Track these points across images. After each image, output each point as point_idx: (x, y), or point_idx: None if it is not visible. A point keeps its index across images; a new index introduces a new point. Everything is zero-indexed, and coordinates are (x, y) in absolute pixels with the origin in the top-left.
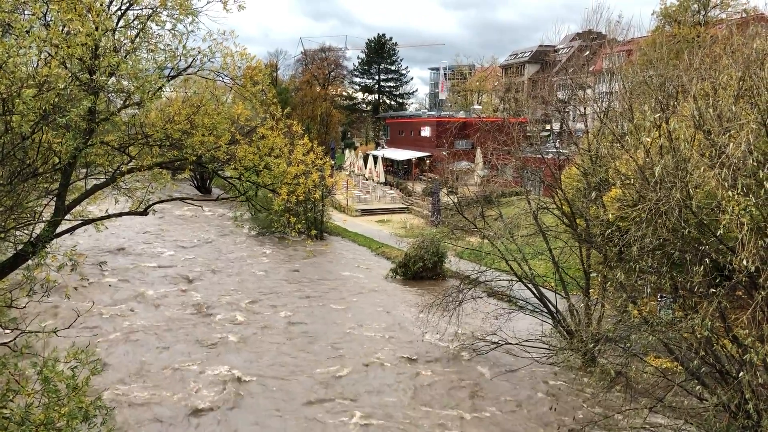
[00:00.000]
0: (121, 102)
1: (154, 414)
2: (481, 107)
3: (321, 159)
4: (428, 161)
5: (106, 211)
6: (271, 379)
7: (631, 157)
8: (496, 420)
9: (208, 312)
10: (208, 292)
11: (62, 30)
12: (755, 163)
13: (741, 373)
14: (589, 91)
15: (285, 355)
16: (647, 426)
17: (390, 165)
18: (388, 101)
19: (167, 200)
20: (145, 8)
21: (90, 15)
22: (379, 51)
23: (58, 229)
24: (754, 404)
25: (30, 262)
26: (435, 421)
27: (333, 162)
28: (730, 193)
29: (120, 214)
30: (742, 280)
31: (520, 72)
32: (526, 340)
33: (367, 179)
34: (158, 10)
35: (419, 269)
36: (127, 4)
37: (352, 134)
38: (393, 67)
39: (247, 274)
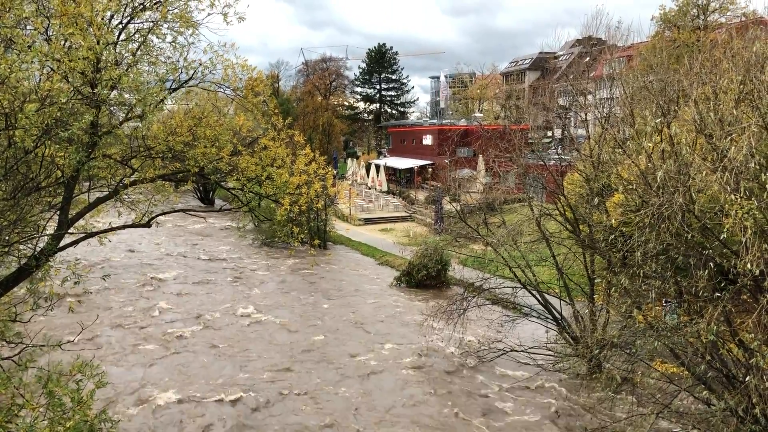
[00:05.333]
0: (123, 115)
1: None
2: (482, 115)
3: (323, 169)
4: (430, 169)
5: (110, 224)
6: (271, 388)
7: (633, 162)
8: (501, 427)
9: (213, 321)
10: (210, 302)
11: (64, 44)
12: (757, 167)
13: (748, 378)
14: (590, 97)
15: (286, 363)
16: None
17: (392, 174)
18: (389, 110)
19: (170, 212)
20: (146, 21)
21: (91, 29)
22: (380, 60)
23: (62, 243)
24: (761, 409)
25: (34, 276)
26: (439, 429)
27: (335, 171)
28: (732, 196)
29: (123, 227)
30: (747, 283)
31: (520, 79)
32: (532, 347)
33: (369, 188)
34: (159, 23)
35: (423, 277)
36: (128, 18)
37: (354, 144)
38: (394, 77)
39: (250, 285)
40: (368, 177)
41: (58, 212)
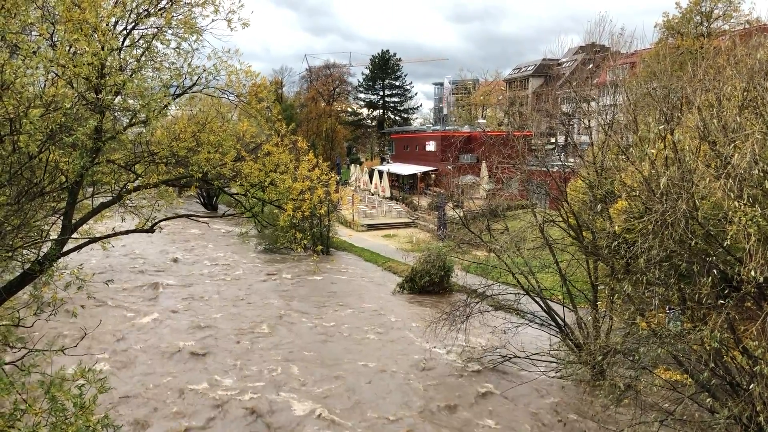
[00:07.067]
0: (127, 120)
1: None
2: (485, 121)
3: (326, 174)
4: (433, 175)
5: (113, 229)
6: (272, 393)
7: (636, 168)
8: None
9: (215, 326)
10: (212, 307)
11: (69, 50)
12: (761, 174)
13: (752, 385)
14: (593, 103)
15: (290, 369)
16: None
17: (395, 180)
18: (392, 116)
19: (174, 217)
20: (151, 27)
21: (96, 35)
22: (383, 67)
23: (65, 248)
24: (765, 416)
25: (37, 280)
26: None
27: (338, 177)
28: (736, 203)
29: (127, 232)
30: (751, 291)
31: (524, 86)
32: (535, 354)
33: (372, 194)
34: (163, 29)
35: (426, 283)
36: (133, 24)
37: (358, 150)
38: (397, 83)
39: (252, 290)
40: (371, 183)
41: (61, 217)
